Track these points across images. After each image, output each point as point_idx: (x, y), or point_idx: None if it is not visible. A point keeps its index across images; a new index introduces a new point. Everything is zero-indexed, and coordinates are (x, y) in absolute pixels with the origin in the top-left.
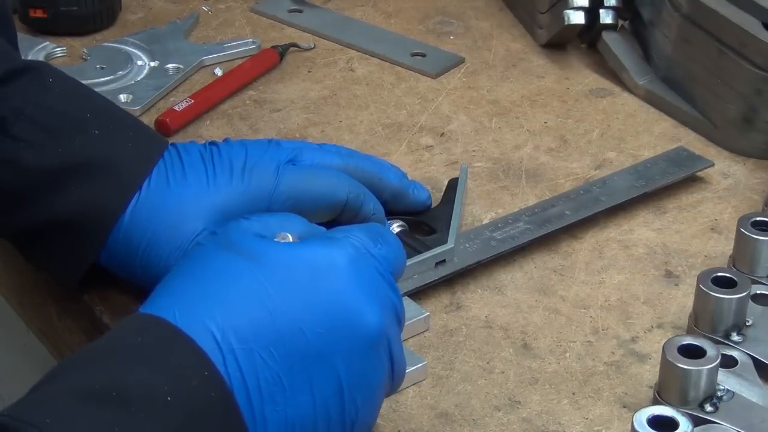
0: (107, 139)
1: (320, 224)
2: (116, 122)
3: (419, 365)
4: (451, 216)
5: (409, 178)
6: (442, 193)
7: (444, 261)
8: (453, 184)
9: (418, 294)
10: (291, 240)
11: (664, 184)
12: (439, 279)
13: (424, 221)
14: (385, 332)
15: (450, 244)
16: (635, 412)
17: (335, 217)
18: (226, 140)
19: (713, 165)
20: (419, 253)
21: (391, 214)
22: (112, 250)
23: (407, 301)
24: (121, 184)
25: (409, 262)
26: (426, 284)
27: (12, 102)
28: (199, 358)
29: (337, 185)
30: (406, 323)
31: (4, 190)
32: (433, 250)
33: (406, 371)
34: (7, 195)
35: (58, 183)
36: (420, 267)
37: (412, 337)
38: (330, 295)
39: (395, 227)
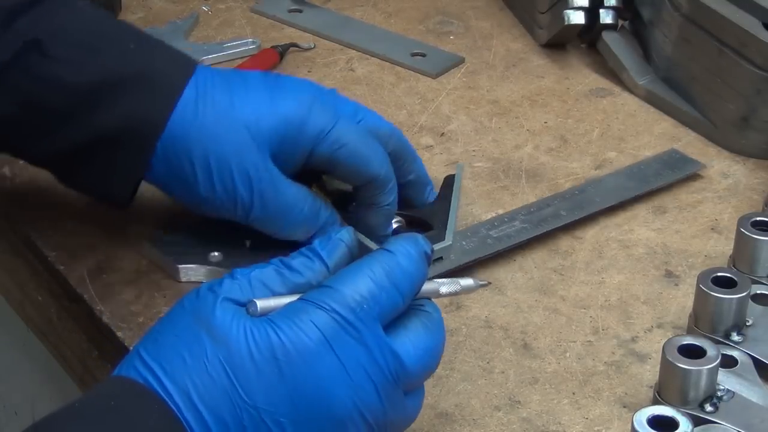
0: (143, 53)
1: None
2: (147, 38)
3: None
4: (448, 213)
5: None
6: (438, 190)
7: (441, 258)
8: (449, 181)
9: None
10: (261, 307)
11: (657, 186)
12: (436, 276)
13: (421, 217)
14: (357, 409)
15: (448, 241)
16: (635, 412)
17: (355, 187)
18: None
19: (705, 167)
20: None
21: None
22: (162, 160)
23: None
24: (163, 93)
25: None
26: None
27: (44, 24)
28: (172, 423)
29: (380, 160)
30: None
31: (48, 110)
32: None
33: None
34: (51, 114)
35: (101, 97)
36: None
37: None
38: (294, 383)
39: (393, 223)
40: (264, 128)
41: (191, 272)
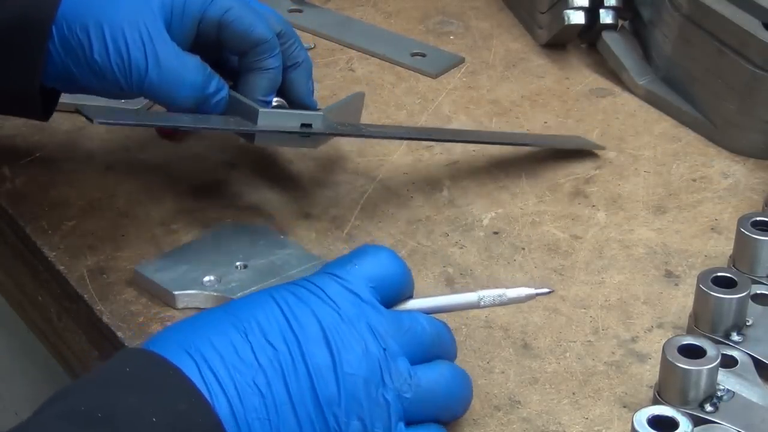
0: None
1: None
2: None
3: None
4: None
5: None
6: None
7: (310, 126)
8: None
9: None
10: None
11: (553, 145)
12: (300, 140)
13: (304, 105)
14: (366, 346)
15: (319, 112)
16: (635, 412)
17: (242, 53)
18: None
19: (604, 148)
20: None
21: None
22: (58, 44)
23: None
24: None
25: (276, 111)
26: (288, 138)
27: None
28: (187, 386)
29: (265, 25)
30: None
31: None
32: (302, 111)
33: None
34: None
35: None
36: (285, 121)
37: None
38: (290, 310)
39: (274, 101)
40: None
41: (188, 299)
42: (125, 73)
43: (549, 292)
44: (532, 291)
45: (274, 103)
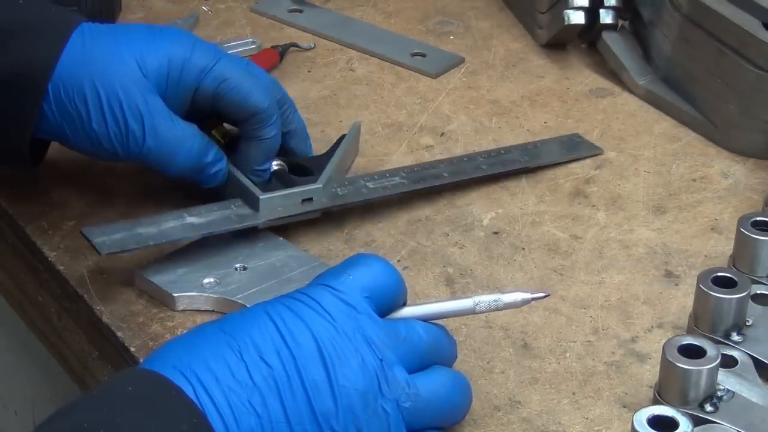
0: (31, 5)
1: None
2: None
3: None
4: (328, 163)
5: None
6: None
7: (311, 199)
8: (340, 139)
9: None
10: None
11: (549, 162)
12: (303, 214)
13: (303, 163)
14: (362, 358)
15: (318, 184)
16: (635, 412)
17: (240, 123)
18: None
19: (602, 152)
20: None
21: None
22: (54, 103)
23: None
24: (51, 38)
25: (277, 194)
26: (290, 217)
27: None
28: (188, 406)
29: (262, 94)
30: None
31: None
32: (302, 186)
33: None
34: None
35: None
36: (286, 201)
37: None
38: (284, 325)
39: (273, 165)
40: (150, 67)
41: (187, 301)
42: (122, 142)
43: (545, 296)
44: (527, 296)
45: (274, 167)
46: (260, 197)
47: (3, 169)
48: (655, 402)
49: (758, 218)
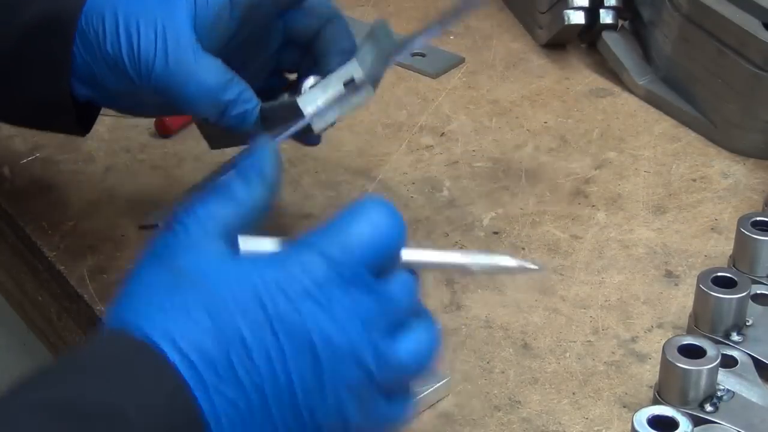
0: None
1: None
2: None
3: (442, 382)
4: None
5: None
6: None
7: (353, 80)
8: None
9: None
10: (243, 250)
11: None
12: (349, 99)
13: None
14: (350, 350)
15: (353, 61)
16: (635, 412)
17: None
18: None
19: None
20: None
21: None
22: (81, 44)
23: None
24: None
25: (313, 88)
26: (339, 105)
27: None
28: (165, 376)
29: None
30: (427, 392)
31: None
32: (338, 72)
33: (429, 390)
34: None
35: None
36: (326, 88)
37: (431, 406)
38: (281, 321)
39: (311, 80)
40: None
41: None
42: (134, 63)
43: (539, 269)
44: (524, 263)
45: (311, 82)
46: (297, 97)
47: (3, 169)
48: (655, 402)
49: (758, 218)
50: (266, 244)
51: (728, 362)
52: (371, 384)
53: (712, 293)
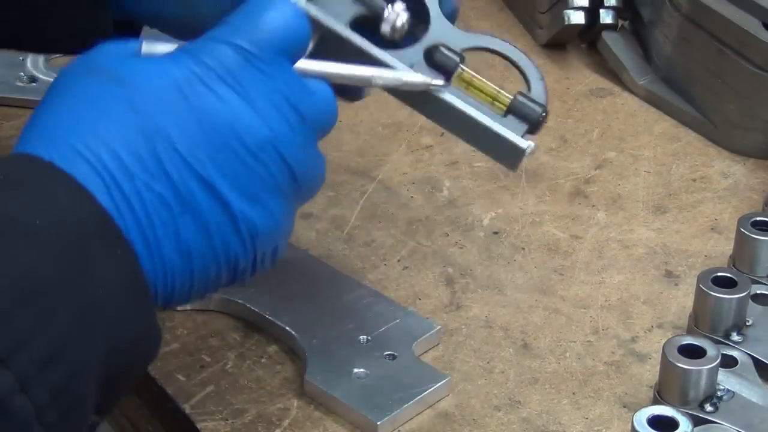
0: None
1: None
2: None
3: (442, 382)
4: None
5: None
6: None
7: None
8: None
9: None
10: (147, 50)
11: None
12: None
13: None
14: (269, 141)
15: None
16: (635, 412)
17: None
18: None
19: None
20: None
21: None
22: None
23: (416, 318)
24: None
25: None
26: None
27: None
28: (68, 182)
29: None
30: (420, 339)
31: None
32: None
33: (429, 390)
34: None
35: None
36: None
37: (425, 352)
38: (202, 111)
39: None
40: None
41: None
42: None
43: (443, 85)
44: (428, 79)
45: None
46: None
47: None
48: (655, 402)
49: (758, 218)
50: (169, 47)
51: (728, 362)
52: (294, 182)
53: (712, 293)
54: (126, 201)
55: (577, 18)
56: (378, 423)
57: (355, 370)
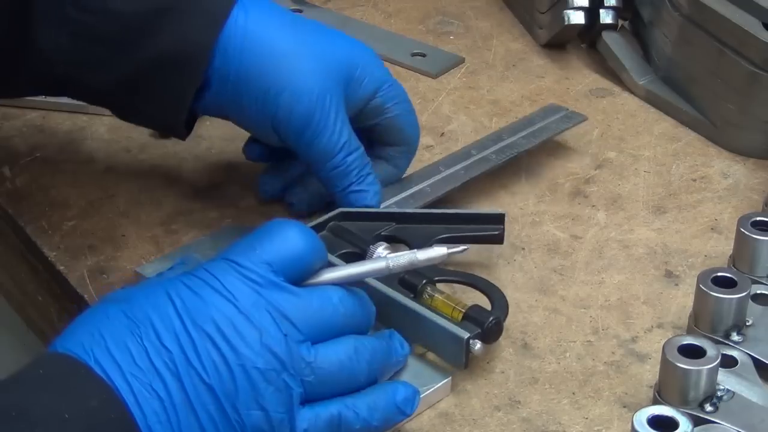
0: None
1: None
2: None
3: (443, 382)
4: None
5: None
6: None
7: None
8: None
9: None
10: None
11: (548, 137)
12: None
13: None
14: (262, 335)
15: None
16: (635, 412)
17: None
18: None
19: (586, 120)
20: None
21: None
22: (212, 84)
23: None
24: (210, 17)
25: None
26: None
27: None
28: (99, 384)
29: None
30: (428, 392)
31: (99, 38)
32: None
33: (429, 391)
34: (102, 43)
35: (149, 25)
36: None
37: (425, 351)
38: (188, 308)
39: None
40: (330, 66)
41: None
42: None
43: (463, 250)
44: (444, 250)
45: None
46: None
47: (3, 169)
48: (655, 402)
49: (758, 218)
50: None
51: (728, 362)
52: (284, 372)
53: (712, 293)
54: (137, 403)
55: (577, 18)
56: None
57: None
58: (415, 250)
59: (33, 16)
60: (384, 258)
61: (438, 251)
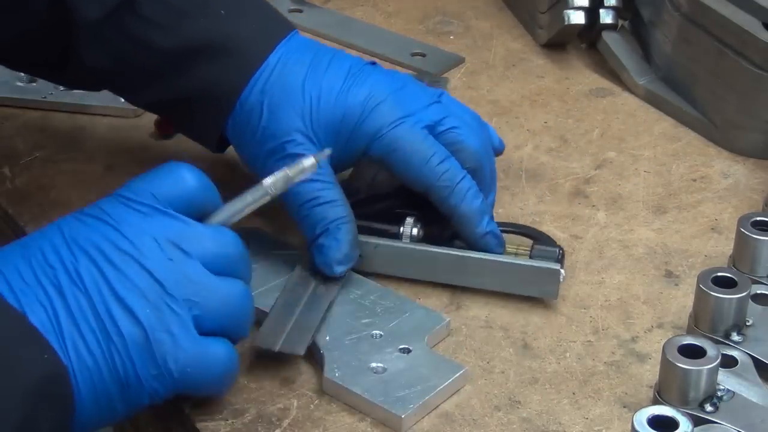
0: (231, 20)
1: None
2: (242, 3)
3: (461, 372)
4: None
5: None
6: None
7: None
8: None
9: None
10: None
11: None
12: None
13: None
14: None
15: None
16: (635, 412)
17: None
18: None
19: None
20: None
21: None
22: (238, 123)
23: (424, 311)
24: (242, 63)
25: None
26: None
27: None
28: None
29: (432, 173)
30: (445, 384)
31: (136, 68)
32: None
33: (451, 379)
34: (138, 72)
35: (183, 63)
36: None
37: (435, 345)
38: (74, 236)
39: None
40: (319, 119)
41: None
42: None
43: (329, 154)
44: (312, 160)
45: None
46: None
47: (3, 169)
48: (655, 402)
49: (758, 218)
50: None
51: (728, 362)
52: (166, 295)
53: (712, 293)
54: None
55: (577, 18)
56: (402, 416)
57: (373, 365)
58: (284, 167)
59: (74, 32)
60: (261, 186)
61: (307, 162)
